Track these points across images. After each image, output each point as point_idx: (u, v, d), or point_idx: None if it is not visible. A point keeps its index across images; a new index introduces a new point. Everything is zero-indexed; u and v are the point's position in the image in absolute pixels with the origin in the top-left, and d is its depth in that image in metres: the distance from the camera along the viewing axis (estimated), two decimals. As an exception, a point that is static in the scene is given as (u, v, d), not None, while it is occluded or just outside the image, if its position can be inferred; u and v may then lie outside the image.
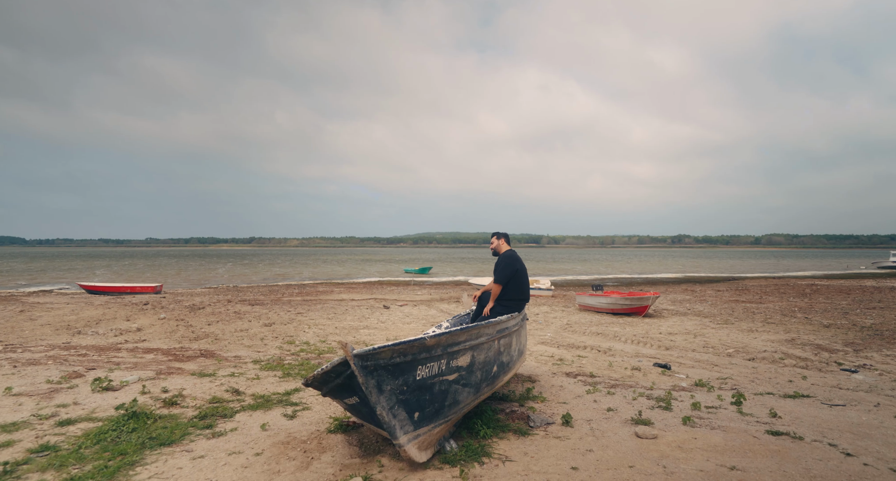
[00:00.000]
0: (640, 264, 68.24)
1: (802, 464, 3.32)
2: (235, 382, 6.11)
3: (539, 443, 3.88)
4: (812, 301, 19.06)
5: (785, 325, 12.17)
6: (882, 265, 54.70)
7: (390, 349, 3.13)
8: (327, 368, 3.14)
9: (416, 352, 3.30)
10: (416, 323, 13.38)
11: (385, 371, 3.16)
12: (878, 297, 20.38)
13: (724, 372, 7.07)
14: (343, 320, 13.58)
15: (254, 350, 8.80)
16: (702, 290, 25.59)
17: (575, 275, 43.15)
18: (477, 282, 24.05)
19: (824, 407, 4.88)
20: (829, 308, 16.36)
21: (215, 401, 5.23)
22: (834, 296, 21.39)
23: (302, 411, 4.92)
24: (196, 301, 18.93)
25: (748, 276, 40.94)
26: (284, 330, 11.42)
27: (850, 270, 51.20)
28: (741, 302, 19.10)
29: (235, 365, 7.20)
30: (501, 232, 5.97)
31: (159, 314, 13.99)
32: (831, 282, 31.97)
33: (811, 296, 21.15)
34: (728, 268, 55.60)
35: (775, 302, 18.93)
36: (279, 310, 15.92)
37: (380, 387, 3.14)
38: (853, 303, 18.22)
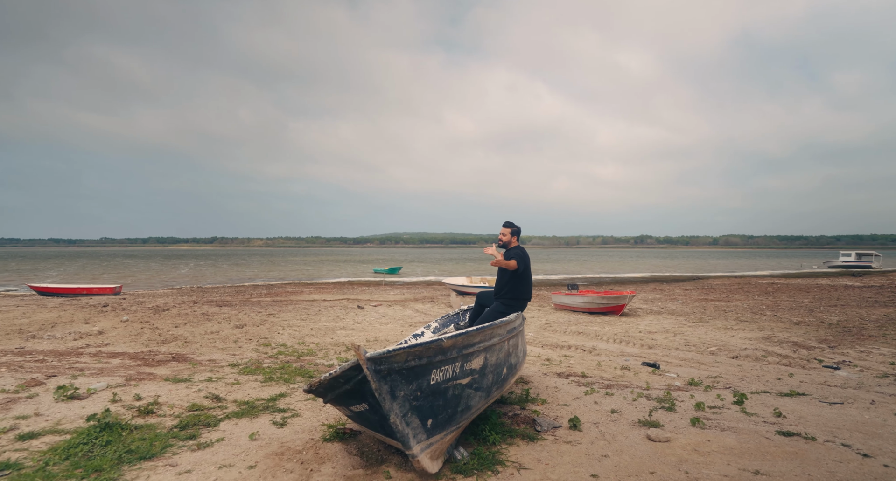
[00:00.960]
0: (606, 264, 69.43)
1: (825, 467, 3.24)
2: (214, 388, 5.73)
3: (551, 449, 3.70)
4: (776, 299, 19.63)
5: (758, 323, 12.42)
6: (832, 264, 57.17)
7: (405, 351, 2.90)
8: (336, 373, 2.88)
9: (432, 355, 3.07)
10: (394, 323, 13.09)
11: (399, 375, 2.92)
12: (836, 295, 21.17)
13: (712, 371, 7.07)
14: (317, 321, 13.17)
15: (228, 353, 8.36)
16: (670, 289, 26.09)
17: (545, 275, 43.49)
18: (451, 283, 23.86)
19: (824, 406, 4.87)
20: (794, 306, 16.86)
21: (195, 409, 4.86)
22: (795, 294, 22.11)
23: (292, 418, 4.61)
24: (159, 302, 18.11)
25: (711, 276, 42.09)
26: (257, 331, 10.96)
27: (804, 270, 53.33)
28: (710, 300, 19.51)
29: (211, 370, 6.79)
30: (515, 225, 5.39)
31: (121, 316, 13.27)
32: (790, 280, 33.15)
33: (774, 295, 21.80)
34: (691, 268, 57.11)
35: (742, 300, 19.41)
36: (249, 311, 15.35)
37: (393, 393, 2.90)
38: (815, 300, 18.85)
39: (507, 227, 5.36)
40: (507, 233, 5.35)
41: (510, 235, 5.35)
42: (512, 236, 5.35)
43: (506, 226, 5.39)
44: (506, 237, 5.36)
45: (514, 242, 5.39)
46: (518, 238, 5.41)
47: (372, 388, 2.81)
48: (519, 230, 5.40)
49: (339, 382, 2.95)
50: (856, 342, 9.48)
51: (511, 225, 5.37)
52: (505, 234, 5.37)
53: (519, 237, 5.42)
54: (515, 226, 5.38)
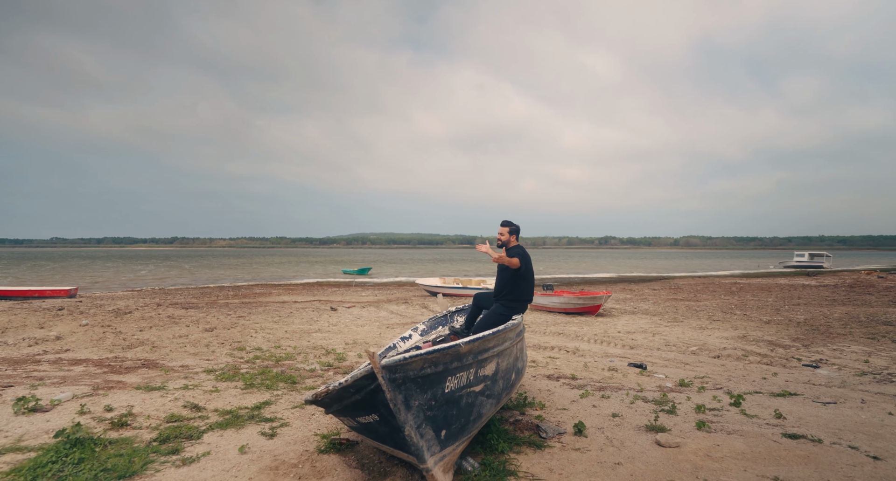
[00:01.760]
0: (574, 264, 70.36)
1: (841, 472, 3.20)
2: (192, 396, 5.38)
3: (560, 457, 3.56)
4: (742, 299, 20.18)
5: (730, 322, 12.68)
6: (788, 264, 59.56)
7: (422, 358, 2.70)
8: (346, 383, 2.65)
9: (448, 361, 2.88)
10: (370, 325, 12.81)
11: (414, 384, 2.72)
12: (796, 294, 21.94)
13: (698, 371, 7.10)
14: (291, 323, 12.77)
15: (201, 358, 7.95)
16: (639, 289, 26.55)
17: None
18: (424, 283, 23.63)
19: (818, 406, 4.90)
20: (760, 305, 17.34)
21: (174, 420, 4.53)
22: (759, 293, 22.81)
23: (281, 428, 4.33)
24: (120, 305, 17.29)
25: (676, 276, 43.14)
26: (229, 335, 10.52)
27: (761, 269, 55.31)
28: (679, 300, 19.91)
29: (186, 376, 6.41)
30: (514, 224, 5.13)
31: (80, 320, 12.56)
32: (751, 280, 34.26)
33: (739, 294, 22.44)
34: (656, 268, 58.47)
35: (710, 300, 19.88)
36: (217, 313, 14.80)
37: (408, 403, 2.69)
38: (778, 300, 19.46)
39: (506, 226, 5.12)
40: (506, 232, 5.11)
41: (509, 234, 5.10)
42: (511, 235, 5.10)
43: (503, 224, 5.15)
44: (504, 236, 5.12)
45: (514, 241, 5.15)
46: (517, 237, 5.17)
47: (386, 398, 2.60)
48: (518, 228, 5.16)
49: (349, 392, 2.73)
50: (827, 340, 9.75)
51: (509, 223, 5.13)
52: (503, 234, 5.13)
53: (518, 236, 5.18)
54: (514, 224, 5.14)
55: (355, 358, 8.10)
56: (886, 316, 13.71)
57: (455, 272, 47.23)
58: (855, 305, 16.98)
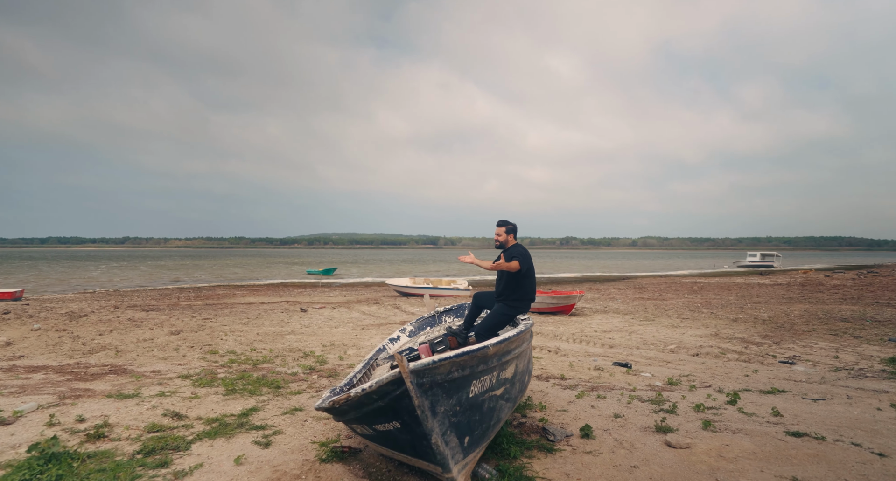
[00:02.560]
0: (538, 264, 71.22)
1: (854, 470, 3.22)
2: (171, 403, 5.06)
3: (574, 461, 3.47)
4: (705, 297, 20.80)
5: (700, 321, 13.00)
6: (741, 264, 62.04)
7: (450, 362, 2.55)
8: (371, 388, 2.48)
9: (475, 365, 2.75)
10: (344, 326, 12.52)
11: (440, 389, 2.57)
12: (755, 293, 22.78)
13: (682, 369, 7.19)
14: (261, 325, 12.35)
15: (173, 362, 7.54)
16: (605, 289, 27.04)
17: (482, 276, 43.88)
18: (394, 284, 23.37)
19: (809, 403, 4.99)
20: (724, 303, 17.90)
21: (156, 430, 4.23)
22: (720, 292, 23.58)
23: (274, 436, 4.10)
24: (73, 308, 16.38)
25: (638, 275, 44.23)
26: (198, 338, 10.06)
27: (717, 269, 57.39)
28: (646, 299, 20.35)
29: (160, 382, 6.05)
30: (510, 224, 4.98)
31: (30, 324, 11.79)
32: (709, 279, 35.44)
33: (701, 293, 23.13)
34: (617, 268, 59.82)
35: (675, 299, 20.40)
36: (181, 315, 14.18)
37: (434, 410, 2.54)
38: (739, 298, 20.14)
39: (502, 226, 4.99)
40: (503, 232, 4.97)
41: (506, 234, 4.97)
42: (508, 234, 4.97)
43: (500, 224, 5.01)
44: (502, 237, 4.98)
45: (512, 240, 5.02)
46: (515, 235, 5.04)
47: (413, 405, 2.45)
48: (514, 227, 5.03)
49: (372, 399, 2.56)
50: (794, 337, 10.09)
51: (505, 223, 4.99)
52: (500, 234, 4.98)
53: (516, 234, 5.06)
54: (510, 223, 5.00)
55: (336, 360, 7.85)
56: (841, 313, 14.35)
57: (422, 272, 47.05)
58: (810, 303, 17.73)
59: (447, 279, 24.91)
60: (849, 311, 14.65)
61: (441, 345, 4.91)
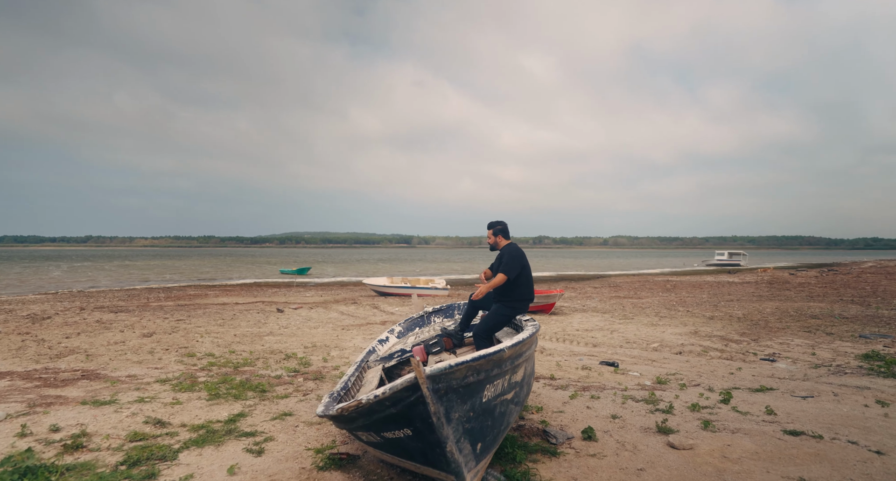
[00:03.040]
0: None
1: (857, 469, 3.24)
2: (152, 410, 4.83)
3: (579, 465, 3.41)
4: (679, 296, 21.19)
5: (678, 319, 13.20)
6: (710, 263, 63.64)
7: (466, 366, 2.45)
8: (385, 394, 2.36)
9: (490, 368, 2.65)
10: (324, 327, 12.28)
11: (455, 394, 2.47)
12: (726, 291, 23.33)
13: (667, 368, 7.24)
14: (238, 327, 12.02)
15: (148, 366, 7.24)
16: (581, 287, 27.32)
17: (458, 275, 43.90)
18: (371, 283, 23.12)
19: (799, 401, 5.06)
20: (698, 301, 18.25)
21: (138, 438, 4.01)
22: (692, 290, 24.07)
23: (266, 443, 3.94)
24: (35, 309, 15.67)
25: (612, 274, 44.90)
26: (172, 340, 9.71)
27: (687, 267, 58.74)
28: (622, 298, 20.61)
29: (137, 387, 5.78)
30: (498, 224, 5.05)
31: (-9, 327, 11.21)
32: (681, 278, 36.20)
33: (675, 291, 23.57)
34: (590, 267, 60.64)
35: (650, 297, 20.73)
36: (153, 317, 13.71)
37: (448, 416, 2.44)
38: (712, 296, 20.58)
39: (490, 228, 5.08)
40: (491, 234, 5.07)
41: (495, 236, 5.05)
42: (497, 235, 5.05)
43: (489, 227, 5.10)
44: (491, 239, 5.08)
45: (503, 241, 5.07)
46: (506, 234, 5.10)
47: (428, 411, 2.34)
48: (504, 226, 5.10)
49: (384, 406, 2.43)
50: (770, 334, 10.32)
51: (493, 224, 5.08)
52: (489, 237, 5.08)
53: (507, 233, 5.11)
54: (498, 223, 5.08)
55: (320, 362, 7.67)
56: (810, 310, 14.77)
57: (398, 271, 46.81)
58: (779, 300, 18.23)
59: (425, 278, 24.79)
60: (817, 309, 15.10)
61: (436, 347, 4.81)
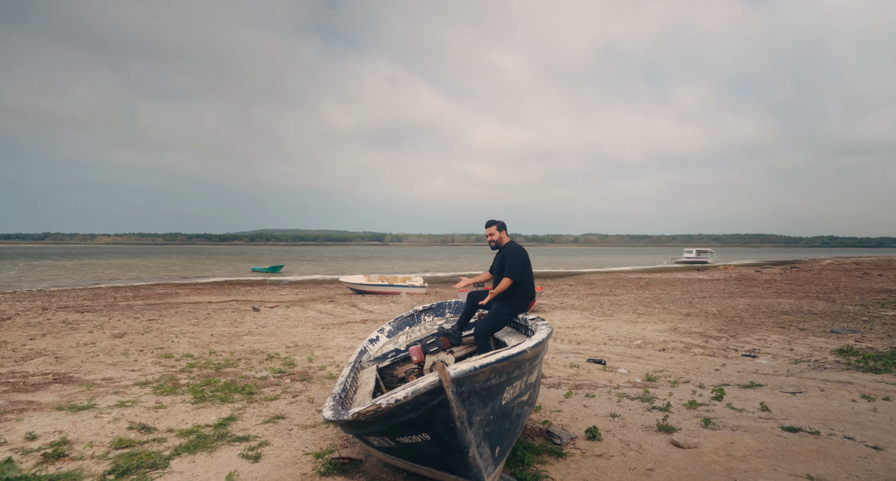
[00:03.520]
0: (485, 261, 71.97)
1: (860, 465, 3.28)
2: (135, 415, 4.61)
3: (588, 466, 3.36)
4: (653, 293, 21.58)
5: (656, 316, 13.41)
6: (678, 260, 65.18)
7: (491, 368, 2.36)
8: (406, 398, 2.25)
9: (511, 370, 2.57)
10: (303, 326, 12.05)
11: (477, 397, 2.38)
12: (698, 288, 23.87)
13: (654, 365, 7.31)
14: (214, 326, 11.69)
15: (124, 368, 6.94)
16: (557, 285, 27.57)
17: (433, 273, 43.81)
18: (348, 281, 22.83)
19: (788, 397, 5.15)
20: (673, 298, 18.61)
21: (124, 445, 3.81)
22: (665, 287, 24.55)
23: (261, 448, 3.79)
24: (-6, 310, 14.94)
25: (585, 271, 45.49)
26: (146, 341, 9.37)
27: (657, 265, 60.01)
28: (599, 295, 20.87)
29: (116, 391, 5.52)
30: (499, 220, 4.96)
31: (-52, 329, 10.63)
32: (653, 275, 36.91)
33: (648, 289, 24.00)
34: (563, 264, 61.31)
35: (626, 294, 21.05)
36: (122, 317, 13.22)
37: (471, 420, 2.35)
38: (685, 293, 21.03)
39: (491, 225, 4.96)
40: (494, 230, 4.95)
41: (497, 232, 4.95)
42: (500, 231, 4.95)
43: (489, 225, 4.98)
44: (495, 236, 4.95)
45: (505, 238, 4.99)
46: (506, 231, 5.03)
47: (452, 416, 2.24)
48: (503, 224, 5.03)
49: (405, 410, 2.33)
50: (747, 330, 10.57)
51: (494, 222, 4.98)
52: (493, 234, 4.96)
53: (506, 229, 5.05)
54: (498, 220, 4.99)
55: (305, 362, 7.49)
56: (781, 306, 15.22)
57: (373, 269, 46.44)
58: (750, 297, 18.73)
59: (402, 276, 24.63)
60: (787, 305, 15.56)
61: (434, 346, 4.72)
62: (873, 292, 19.93)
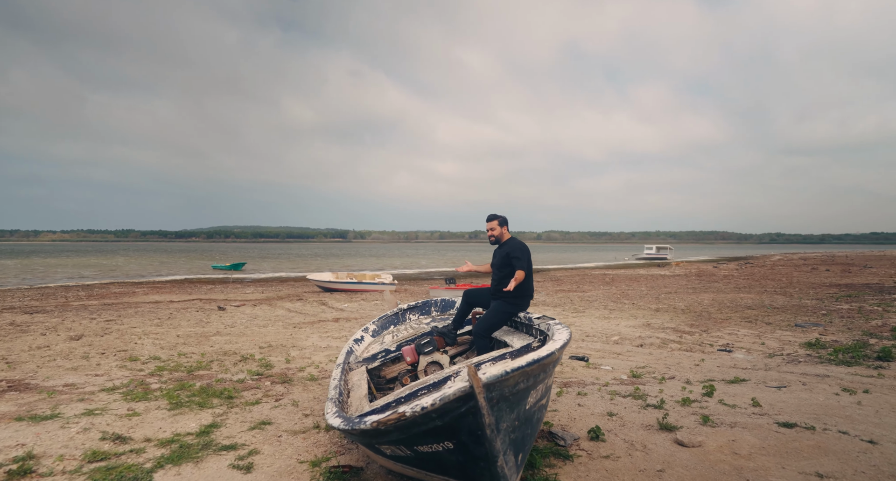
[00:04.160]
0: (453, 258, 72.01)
1: (862, 460, 3.32)
2: (106, 423, 4.29)
3: (597, 468, 3.29)
4: (620, 289, 21.98)
5: (626, 311, 13.62)
6: (639, 257, 66.91)
7: (521, 371, 2.23)
8: (434, 405, 2.09)
9: (538, 373, 2.44)
10: (274, 325, 11.66)
11: (505, 403, 2.25)
12: (661, 284, 24.48)
13: (635, 361, 7.36)
14: (179, 326, 11.17)
15: (87, 373, 6.50)
16: (525, 281, 27.75)
17: (399, 270, 43.50)
18: (316, 279, 22.33)
19: (774, 391, 5.23)
20: (640, 294, 18.98)
21: (99, 458, 3.52)
22: (631, 283, 25.08)
23: (251, 457, 3.56)
24: (-68, 312, 13.89)
25: (551, 268, 46.07)
26: (107, 343, 8.85)
27: (619, 261, 61.40)
28: (566, 291, 21.11)
29: (81, 398, 5.14)
30: (501, 215, 4.79)
31: None
32: (616, 271, 37.72)
33: (615, 284, 24.46)
34: (528, 261, 61.90)
35: (593, 290, 21.36)
36: (77, 317, 12.51)
37: (498, 427, 2.22)
38: (650, 289, 21.50)
39: (494, 220, 4.78)
40: (496, 225, 4.77)
41: (499, 226, 4.78)
42: (502, 227, 4.79)
43: (490, 219, 4.80)
44: (496, 231, 4.78)
45: (506, 233, 4.84)
46: (507, 226, 4.87)
47: (483, 423, 2.10)
48: (506, 219, 4.85)
49: (430, 418, 2.17)
50: (717, 325, 10.83)
51: (496, 216, 4.79)
52: (494, 229, 4.78)
53: (508, 226, 4.88)
54: (500, 215, 4.81)
55: (282, 363, 7.20)
56: (743, 301, 15.74)
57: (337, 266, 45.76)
58: (713, 292, 19.31)
59: (371, 273, 24.31)
60: (749, 300, 16.10)
61: (428, 347, 4.56)
62: (824, 286, 20.89)
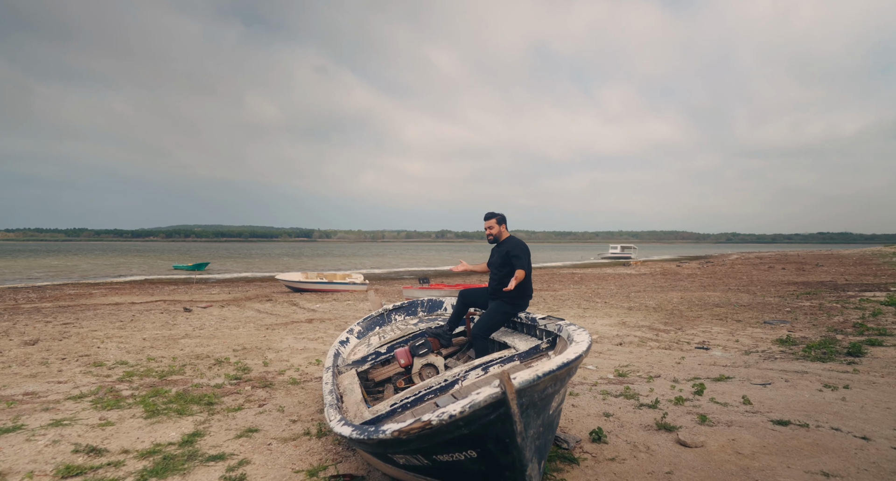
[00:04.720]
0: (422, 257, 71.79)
1: (861, 457, 3.35)
2: (77, 435, 4.00)
3: (605, 471, 3.22)
4: (590, 287, 22.30)
5: (600, 310, 13.78)
6: (605, 256, 68.23)
7: (552, 376, 2.13)
8: (463, 413, 1.97)
9: (564, 377, 2.35)
10: (245, 327, 11.29)
11: (533, 408, 2.15)
12: (629, 282, 24.95)
13: (618, 360, 7.39)
14: (144, 329, 10.68)
15: (49, 380, 6.08)
16: (496, 281, 27.85)
17: (369, 269, 43.04)
18: (285, 279, 21.81)
19: (760, 389, 5.29)
20: (611, 293, 19.27)
21: (73, 473, 3.26)
22: (600, 282, 25.48)
23: (242, 467, 3.36)
24: None
25: (519, 267, 46.43)
26: (67, 348, 8.36)
27: (585, 260, 62.46)
28: (537, 290, 21.21)
29: (45, 408, 4.79)
30: (499, 213, 4.70)
31: None
32: (584, 270, 38.31)
33: (584, 283, 24.80)
34: (497, 261, 62.27)
35: (564, 289, 21.59)
36: (30, 321, 11.82)
37: (527, 433, 2.12)
38: (620, 287, 21.89)
39: (492, 218, 4.68)
40: (494, 223, 4.68)
41: (497, 225, 4.68)
42: (500, 225, 4.70)
43: (488, 217, 4.70)
44: (494, 229, 4.69)
45: (505, 232, 4.75)
46: (506, 224, 4.78)
47: (514, 431, 1.99)
48: (504, 217, 4.76)
49: (457, 425, 2.05)
50: (690, 323, 11.05)
51: (494, 214, 4.70)
52: (492, 227, 4.69)
53: (507, 224, 4.80)
54: (499, 213, 4.72)
55: (260, 367, 6.93)
56: (710, 299, 16.16)
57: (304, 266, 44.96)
58: (680, 291, 19.78)
59: (342, 273, 23.93)
60: (715, 297, 16.55)
61: (423, 348, 4.43)
62: (783, 284, 21.69)
